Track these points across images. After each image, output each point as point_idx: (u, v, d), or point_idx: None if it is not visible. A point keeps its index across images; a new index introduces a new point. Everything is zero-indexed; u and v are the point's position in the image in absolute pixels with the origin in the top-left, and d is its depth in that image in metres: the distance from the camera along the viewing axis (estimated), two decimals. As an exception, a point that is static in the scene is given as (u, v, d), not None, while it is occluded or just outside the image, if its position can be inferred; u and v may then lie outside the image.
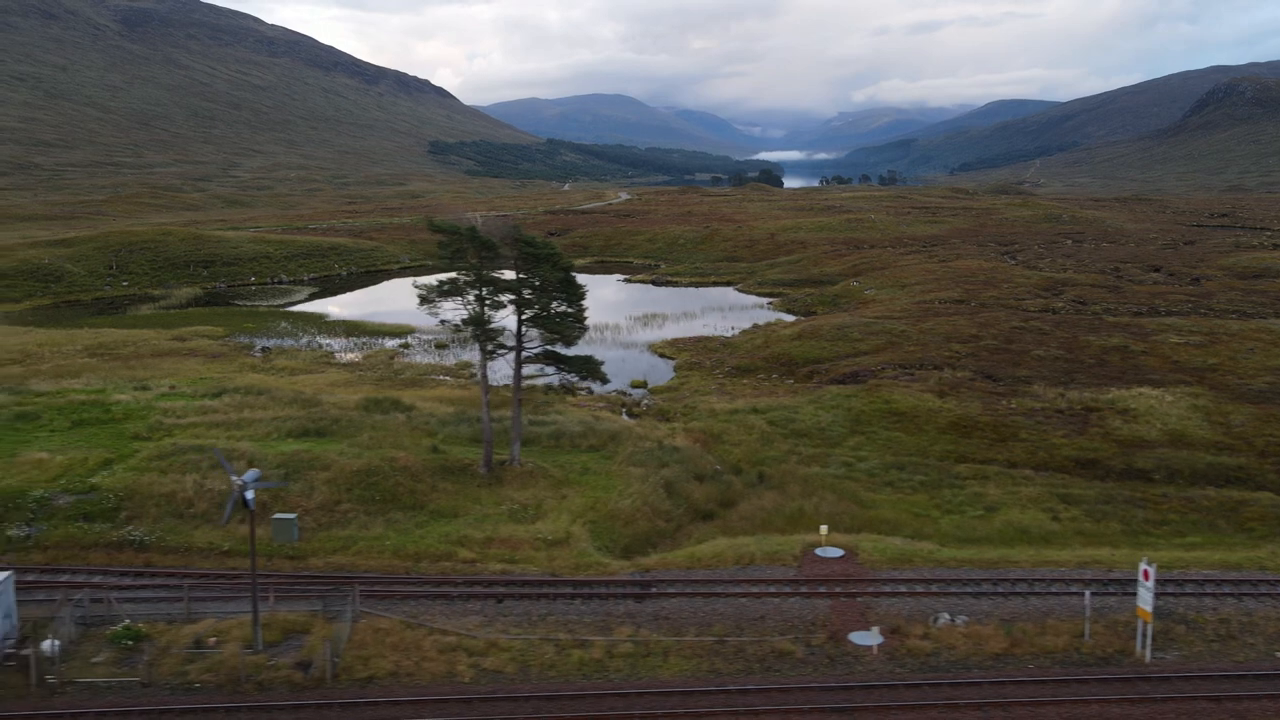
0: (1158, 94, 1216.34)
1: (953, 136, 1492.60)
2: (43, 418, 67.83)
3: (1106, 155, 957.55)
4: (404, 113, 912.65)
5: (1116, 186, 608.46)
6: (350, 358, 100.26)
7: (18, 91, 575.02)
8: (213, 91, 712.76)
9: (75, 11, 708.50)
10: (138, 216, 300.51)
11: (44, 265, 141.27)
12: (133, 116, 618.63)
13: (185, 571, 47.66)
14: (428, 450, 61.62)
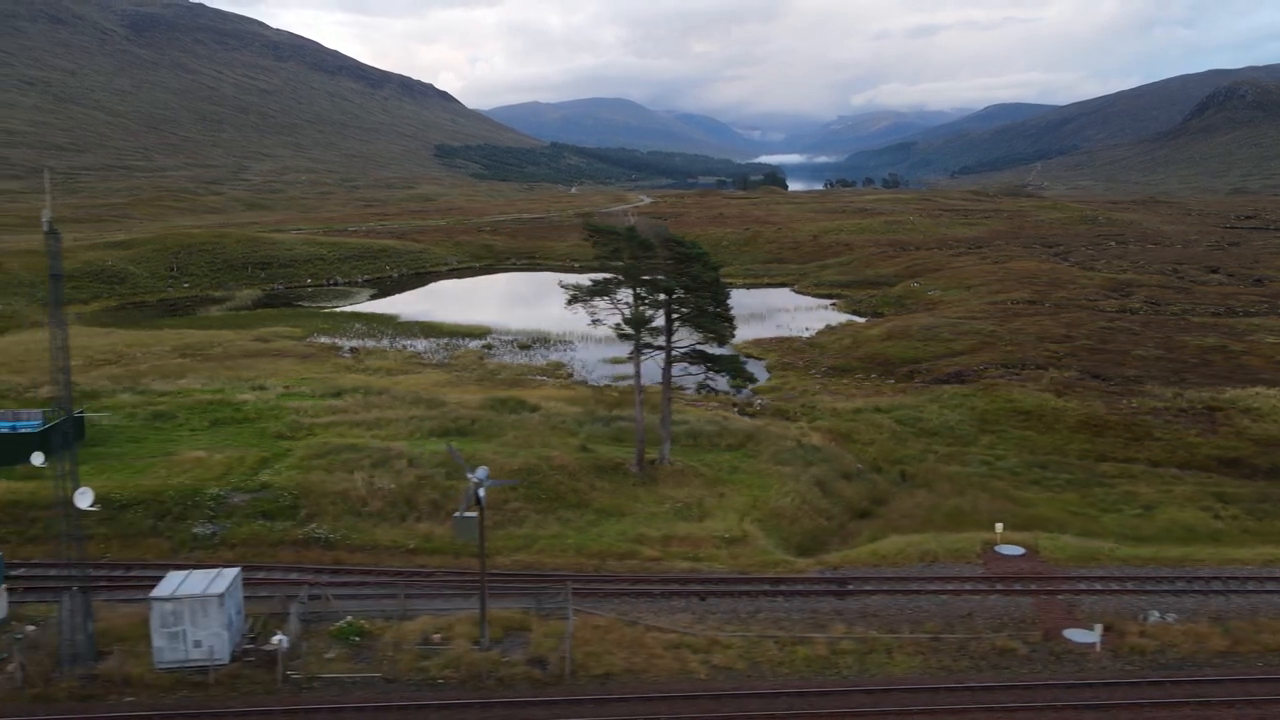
0: (1156, 97, 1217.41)
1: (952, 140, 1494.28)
2: (179, 417, 67.84)
3: (1108, 158, 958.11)
4: (409, 116, 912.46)
5: (1119, 189, 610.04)
6: (440, 358, 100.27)
7: (27, 96, 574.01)
8: (220, 96, 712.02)
9: (82, 16, 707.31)
10: (161, 219, 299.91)
11: (107, 267, 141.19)
12: (142, 120, 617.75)
13: (380, 569, 47.65)
14: (576, 450, 61.66)
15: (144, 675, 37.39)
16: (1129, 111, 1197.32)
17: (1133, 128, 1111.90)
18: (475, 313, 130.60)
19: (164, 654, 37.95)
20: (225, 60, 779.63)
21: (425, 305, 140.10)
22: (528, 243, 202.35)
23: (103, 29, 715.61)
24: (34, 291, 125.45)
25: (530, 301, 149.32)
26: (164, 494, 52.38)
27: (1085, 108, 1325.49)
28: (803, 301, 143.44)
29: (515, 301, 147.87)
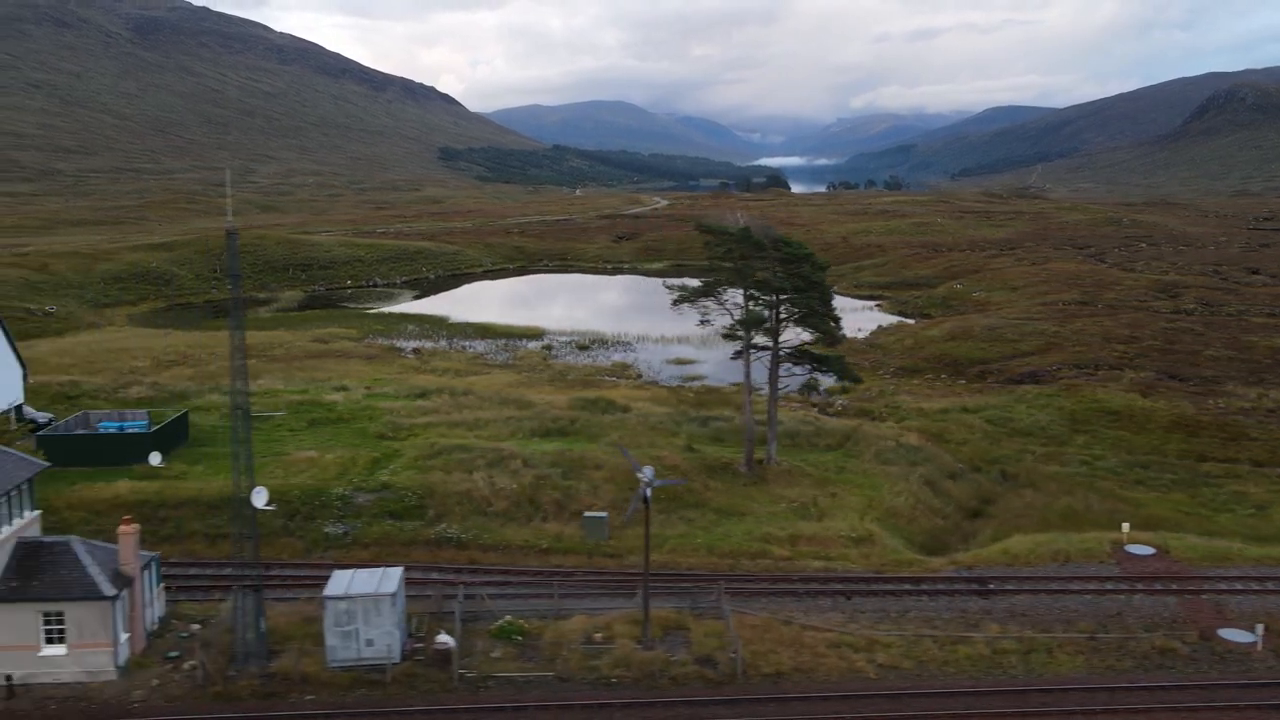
0: (1155, 100, 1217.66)
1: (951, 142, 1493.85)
2: (275, 418, 67.64)
3: (1108, 161, 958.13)
4: (412, 119, 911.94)
5: (1121, 192, 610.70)
6: (503, 359, 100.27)
7: (34, 99, 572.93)
8: (225, 98, 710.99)
9: (87, 20, 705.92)
10: (179, 221, 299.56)
11: (152, 268, 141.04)
12: (148, 123, 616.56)
13: (520, 569, 47.57)
14: (682, 450, 61.64)
15: (319, 674, 37.34)
16: (1128, 114, 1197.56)
17: (1132, 130, 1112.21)
18: (524, 314, 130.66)
19: (337, 652, 37.88)
20: (229, 63, 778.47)
21: (470, 306, 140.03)
22: (557, 244, 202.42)
23: (107, 32, 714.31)
24: (83, 293, 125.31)
25: (573, 302, 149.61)
26: (289, 494, 52.27)
27: (1084, 110, 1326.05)
28: (845, 303, 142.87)
29: (557, 303, 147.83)
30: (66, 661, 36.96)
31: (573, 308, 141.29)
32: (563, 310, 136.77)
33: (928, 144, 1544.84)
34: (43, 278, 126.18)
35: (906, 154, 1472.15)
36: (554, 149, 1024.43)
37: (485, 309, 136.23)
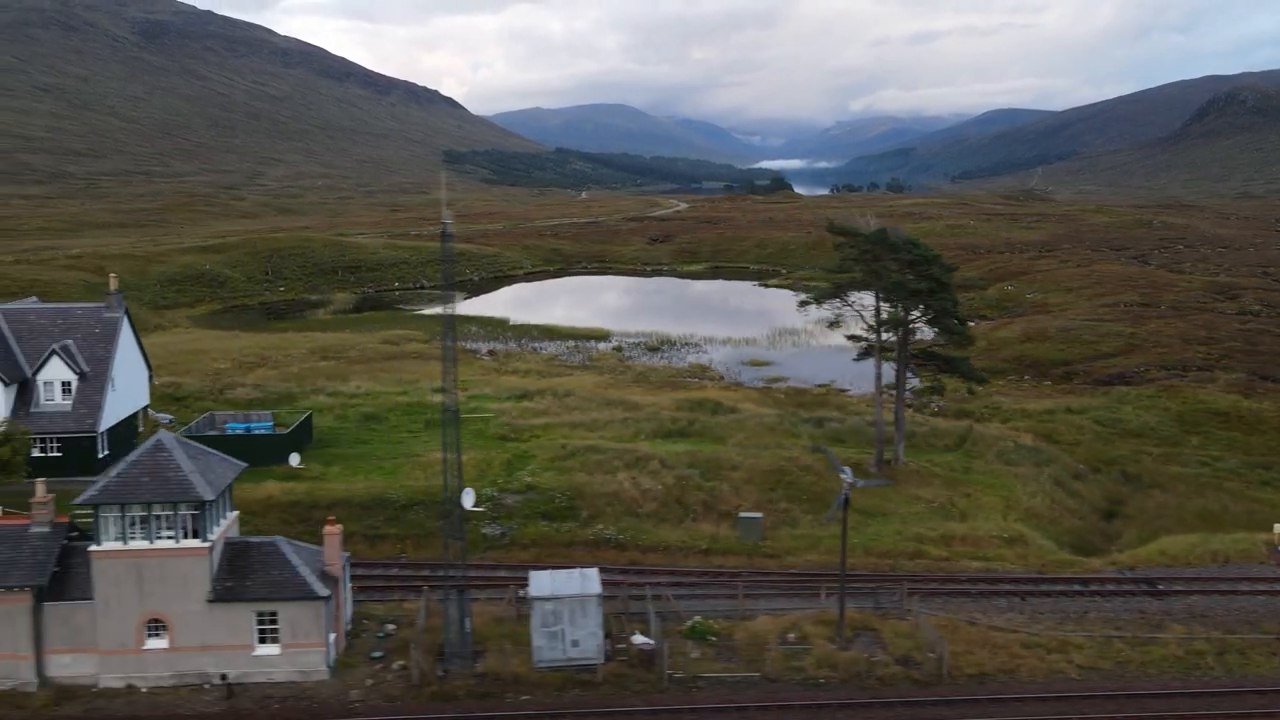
0: (1154, 103, 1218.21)
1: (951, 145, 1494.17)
2: (388, 419, 67.63)
3: (1109, 163, 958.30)
4: (416, 122, 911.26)
5: (1124, 194, 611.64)
6: (577, 360, 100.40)
7: (43, 102, 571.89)
8: (231, 102, 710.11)
9: (94, 24, 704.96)
10: (199, 224, 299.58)
11: (206, 271, 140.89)
12: (156, 126, 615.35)
13: (687, 570, 47.47)
14: (809, 450, 61.44)
15: (528, 674, 37.26)
16: (1127, 116, 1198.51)
17: (1131, 133, 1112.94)
18: (581, 315, 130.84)
19: (543, 653, 37.78)
20: (235, 67, 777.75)
21: (525, 308, 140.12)
22: (593, 247, 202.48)
23: (114, 36, 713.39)
24: (141, 295, 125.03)
25: (625, 304, 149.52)
26: (437, 494, 51.99)
27: (1083, 113, 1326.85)
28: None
29: (609, 304, 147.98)
30: (280, 661, 36.86)
31: (626, 309, 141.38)
32: (616, 311, 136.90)
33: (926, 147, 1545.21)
34: (100, 280, 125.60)
35: (906, 157, 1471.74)
36: (557, 152, 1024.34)
37: (542, 311, 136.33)
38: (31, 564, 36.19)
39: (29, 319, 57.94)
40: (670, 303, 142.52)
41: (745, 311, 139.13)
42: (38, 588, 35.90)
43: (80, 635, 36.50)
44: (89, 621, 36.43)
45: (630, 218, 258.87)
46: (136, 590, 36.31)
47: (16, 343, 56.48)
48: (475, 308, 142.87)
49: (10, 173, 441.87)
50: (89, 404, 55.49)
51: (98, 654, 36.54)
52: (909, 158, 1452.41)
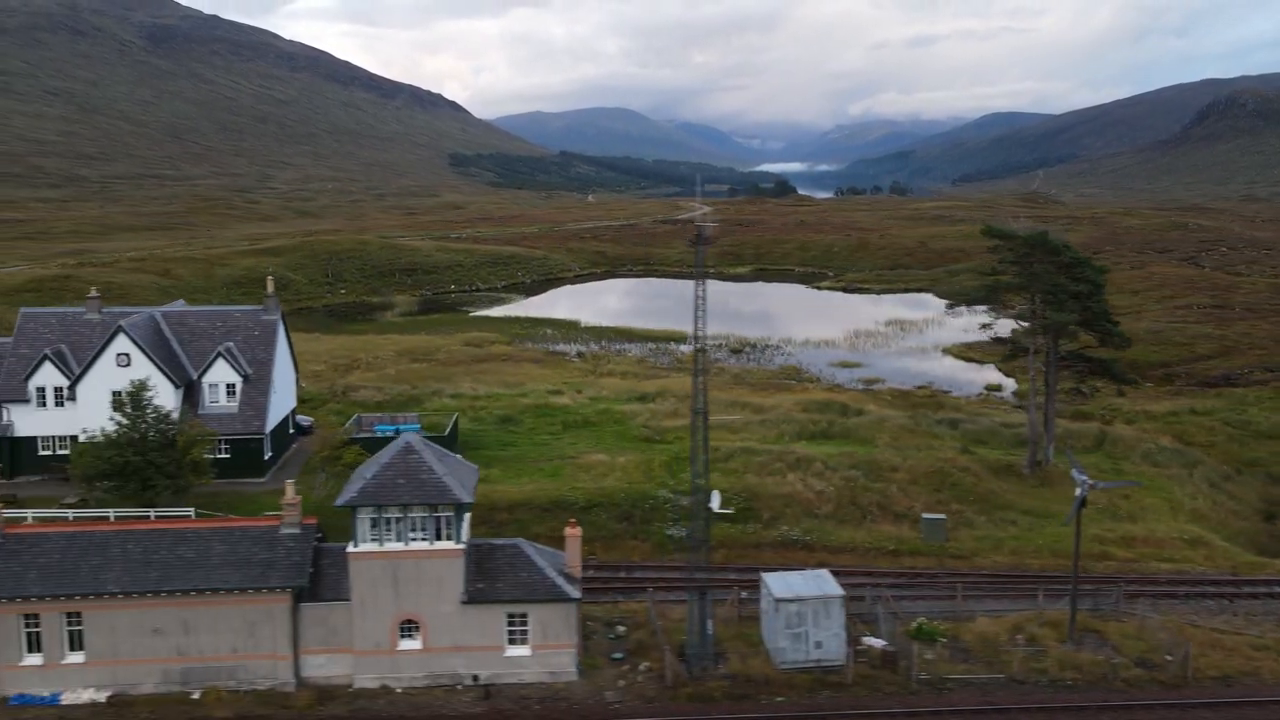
0: (1152, 106, 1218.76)
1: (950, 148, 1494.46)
2: (523, 421, 67.63)
3: (1110, 166, 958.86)
4: (421, 126, 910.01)
5: (1128, 197, 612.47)
6: (665, 362, 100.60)
7: (53, 106, 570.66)
8: (239, 106, 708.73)
9: (101, 28, 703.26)
10: (227, 227, 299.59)
11: (268, 274, 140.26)
12: (164, 130, 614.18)
13: (885, 571, 47.53)
14: (959, 451, 61.65)
15: (775, 675, 37.32)
16: (1125, 120, 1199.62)
17: (1130, 136, 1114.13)
18: (645, 317, 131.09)
19: (786, 654, 37.88)
20: (241, 71, 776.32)
21: (587, 309, 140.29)
22: (634, 249, 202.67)
23: (121, 40, 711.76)
24: (208, 298, 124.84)
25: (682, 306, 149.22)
26: (614, 495, 52.31)
27: (1081, 116, 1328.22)
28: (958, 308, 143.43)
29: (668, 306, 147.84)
30: (530, 662, 36.94)
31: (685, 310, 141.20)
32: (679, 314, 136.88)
33: (926, 150, 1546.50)
34: (169, 282, 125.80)
35: (905, 160, 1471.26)
36: (561, 155, 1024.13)
37: (604, 313, 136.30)
38: (289, 565, 36.27)
39: (188, 321, 57.96)
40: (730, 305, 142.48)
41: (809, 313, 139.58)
42: (298, 589, 35.95)
43: (335, 636, 36.58)
44: (344, 622, 36.50)
45: (659, 220, 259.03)
46: (392, 591, 36.39)
47: (179, 345, 56.45)
48: (532, 309, 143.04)
49: (26, 176, 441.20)
50: (254, 406, 55.49)
51: (352, 654, 36.63)
52: (908, 161, 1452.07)
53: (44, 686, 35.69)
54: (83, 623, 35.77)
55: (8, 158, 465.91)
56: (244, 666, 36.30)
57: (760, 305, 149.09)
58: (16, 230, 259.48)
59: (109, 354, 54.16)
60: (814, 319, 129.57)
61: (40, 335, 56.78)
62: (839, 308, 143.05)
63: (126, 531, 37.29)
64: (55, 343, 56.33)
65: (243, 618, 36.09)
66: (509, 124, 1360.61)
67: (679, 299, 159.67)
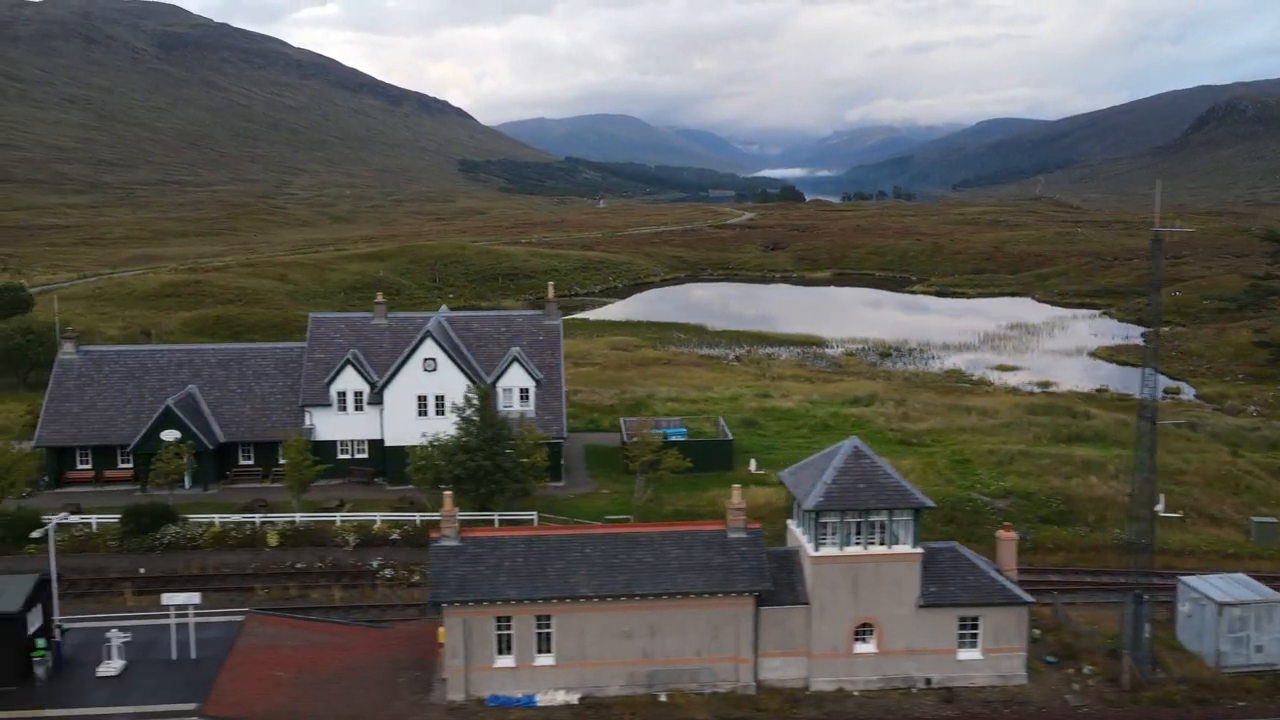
0: (1150, 112, 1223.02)
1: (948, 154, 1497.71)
2: (764, 425, 67.78)
3: (1111, 171, 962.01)
4: (429, 132, 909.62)
5: (1131, 202, 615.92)
6: (821, 366, 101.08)
7: (70, 113, 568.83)
8: (251, 112, 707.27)
9: (114, 36, 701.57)
10: (267, 232, 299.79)
11: (381, 279, 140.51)
12: (180, 136, 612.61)
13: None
14: (1230, 454, 61.75)
15: (1222, 679, 37.27)
16: (1123, 126, 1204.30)
17: (1128, 142, 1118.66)
18: (762, 322, 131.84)
19: (1228, 658, 37.93)
20: (252, 78, 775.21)
21: (699, 313, 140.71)
22: (710, 254, 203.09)
23: (134, 48, 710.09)
24: (329, 302, 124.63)
25: (793, 309, 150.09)
26: (946, 496, 52.28)
27: (1078, 122, 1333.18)
28: (1058, 312, 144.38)
29: (778, 308, 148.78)
30: (981, 665, 36.95)
31: (801, 314, 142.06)
32: (797, 317, 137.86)
33: (924, 155, 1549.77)
34: (290, 287, 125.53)
35: (904, 165, 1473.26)
36: (566, 161, 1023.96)
37: (717, 316, 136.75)
38: (749, 569, 36.24)
39: (473, 326, 57.85)
40: (840, 307, 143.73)
41: (918, 316, 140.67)
42: (762, 592, 35.88)
43: (791, 639, 36.53)
44: (800, 625, 36.46)
45: (717, 226, 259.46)
46: (851, 595, 36.38)
47: (468, 350, 56.28)
48: (639, 312, 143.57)
49: (51, 182, 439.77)
50: (551, 410, 55.41)
51: (807, 657, 36.54)
52: (907, 166, 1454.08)
53: (516, 688, 35.61)
54: (551, 625, 35.69)
55: (32, 164, 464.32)
56: (707, 669, 36.26)
57: (866, 309, 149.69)
58: (72, 235, 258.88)
59: (416, 359, 54.03)
60: (928, 322, 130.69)
61: (333, 340, 56.60)
62: (942, 312, 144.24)
63: (582, 536, 37.23)
64: (347, 348, 56.11)
65: (707, 621, 36.04)
66: (512, 130, 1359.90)
67: (777, 302, 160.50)
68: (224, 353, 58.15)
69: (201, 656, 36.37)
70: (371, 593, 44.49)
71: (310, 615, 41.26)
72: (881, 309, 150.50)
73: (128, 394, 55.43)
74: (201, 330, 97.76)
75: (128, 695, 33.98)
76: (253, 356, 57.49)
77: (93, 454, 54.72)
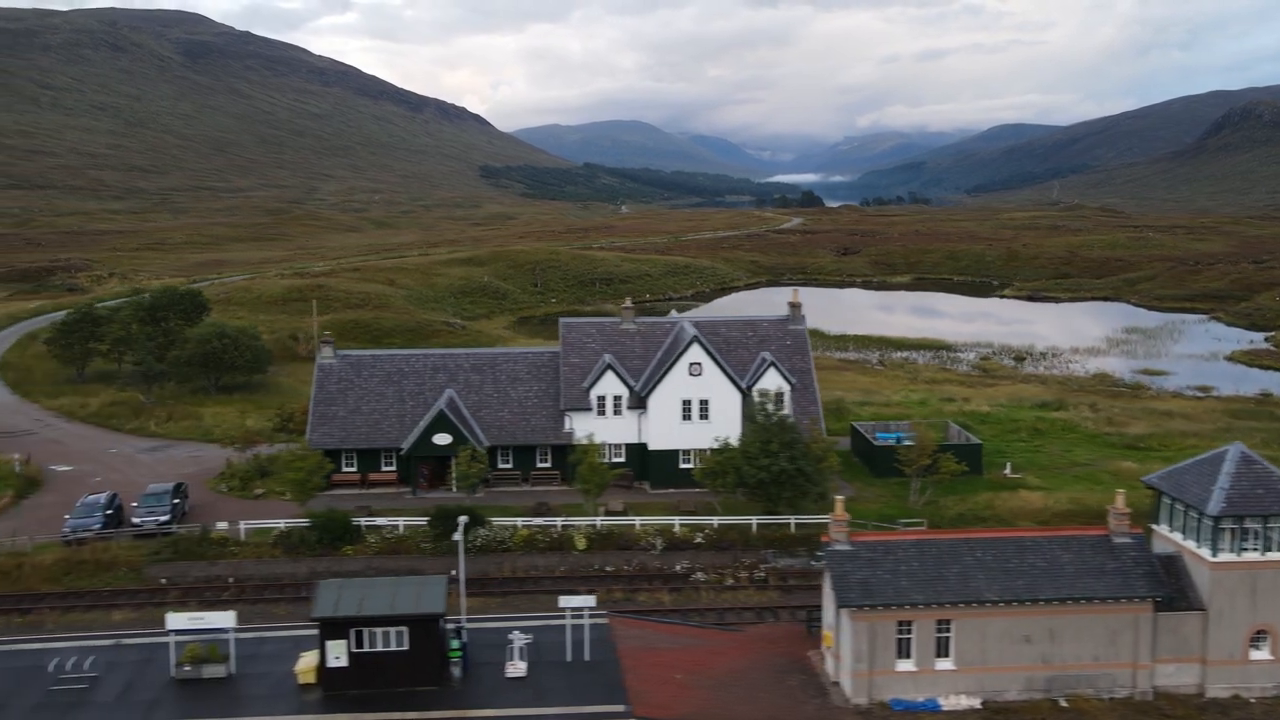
0: (1161, 118, 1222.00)
1: (961, 159, 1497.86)
2: (979, 430, 67.26)
3: (1127, 176, 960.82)
4: (449, 139, 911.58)
5: (1149, 207, 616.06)
6: (961, 369, 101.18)
7: (100, 120, 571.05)
8: (276, 119, 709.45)
9: (140, 44, 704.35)
10: (316, 237, 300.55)
11: (487, 284, 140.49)
12: (208, 143, 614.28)
13: None
14: None
15: None
16: (1135, 131, 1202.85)
17: (1141, 147, 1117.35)
18: (872, 325, 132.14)
19: None
20: (276, 85, 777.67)
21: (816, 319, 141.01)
22: (784, 259, 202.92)
23: (160, 56, 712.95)
24: (440, 306, 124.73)
25: (901, 314, 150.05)
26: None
27: (1090, 128, 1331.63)
28: (1165, 317, 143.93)
29: (879, 315, 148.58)
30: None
31: (903, 318, 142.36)
32: (897, 321, 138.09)
33: (936, 161, 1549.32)
34: (402, 291, 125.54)
35: (917, 171, 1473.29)
36: (585, 167, 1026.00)
37: (816, 320, 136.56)
38: (1145, 575, 35.91)
39: (720, 331, 57.66)
40: (935, 311, 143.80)
41: (1027, 320, 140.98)
42: (1163, 598, 35.59)
43: (1185, 645, 36.21)
44: (1195, 631, 36.14)
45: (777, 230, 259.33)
46: (1249, 601, 36.07)
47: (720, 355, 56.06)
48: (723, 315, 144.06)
49: (89, 189, 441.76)
50: (808, 414, 55.15)
51: (1202, 663, 36.21)
52: (919, 172, 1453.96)
53: (916, 692, 35.33)
54: (951, 629, 35.43)
55: (68, 170, 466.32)
56: (1105, 675, 35.96)
57: (969, 313, 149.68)
58: (134, 241, 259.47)
59: (681, 364, 53.83)
60: (1034, 328, 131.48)
61: (585, 345, 56.45)
62: (1045, 317, 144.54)
63: (972, 540, 36.95)
64: (600, 352, 55.96)
65: (1105, 626, 35.74)
66: (528, 136, 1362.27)
67: (865, 306, 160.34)
68: (477, 357, 57.96)
69: (594, 658, 36.11)
70: (695, 596, 44.24)
71: (668, 618, 41.12)
72: (981, 312, 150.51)
73: (388, 398, 55.26)
74: (343, 334, 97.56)
75: (546, 696, 33.71)
76: (505, 361, 57.29)
77: (357, 457, 54.54)
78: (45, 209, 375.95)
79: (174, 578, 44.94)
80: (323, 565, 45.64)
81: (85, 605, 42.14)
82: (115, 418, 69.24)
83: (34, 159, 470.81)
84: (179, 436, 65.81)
